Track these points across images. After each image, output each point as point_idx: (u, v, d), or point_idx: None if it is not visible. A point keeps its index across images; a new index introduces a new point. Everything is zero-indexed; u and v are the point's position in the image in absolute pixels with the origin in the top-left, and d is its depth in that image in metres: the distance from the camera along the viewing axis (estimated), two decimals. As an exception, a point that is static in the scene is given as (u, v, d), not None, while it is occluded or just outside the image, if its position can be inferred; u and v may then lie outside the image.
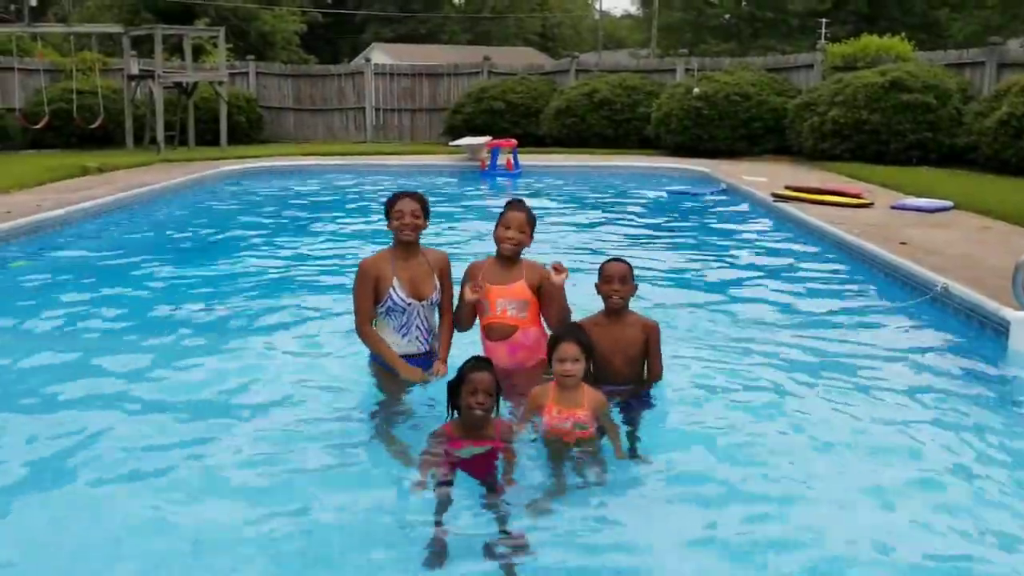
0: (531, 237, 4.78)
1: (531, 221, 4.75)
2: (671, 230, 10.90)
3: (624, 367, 4.60)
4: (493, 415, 3.96)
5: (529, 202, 4.92)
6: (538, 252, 5.15)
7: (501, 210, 4.77)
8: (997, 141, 14.90)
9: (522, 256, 4.82)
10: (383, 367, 4.82)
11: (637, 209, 12.56)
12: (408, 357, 4.80)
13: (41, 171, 14.50)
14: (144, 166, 16.53)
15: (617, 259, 4.72)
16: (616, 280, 4.56)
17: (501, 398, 4.02)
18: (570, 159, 18.32)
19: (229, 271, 8.43)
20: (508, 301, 4.69)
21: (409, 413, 4.54)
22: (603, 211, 12.42)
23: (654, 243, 9.88)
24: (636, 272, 4.66)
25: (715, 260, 8.89)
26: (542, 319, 4.77)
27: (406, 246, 4.81)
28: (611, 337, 4.53)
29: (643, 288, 6.57)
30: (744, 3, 51.56)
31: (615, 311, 4.62)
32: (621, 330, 4.60)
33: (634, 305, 4.73)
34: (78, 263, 8.85)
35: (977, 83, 17.48)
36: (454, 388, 3.94)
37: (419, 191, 4.93)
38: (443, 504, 3.60)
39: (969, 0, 41.33)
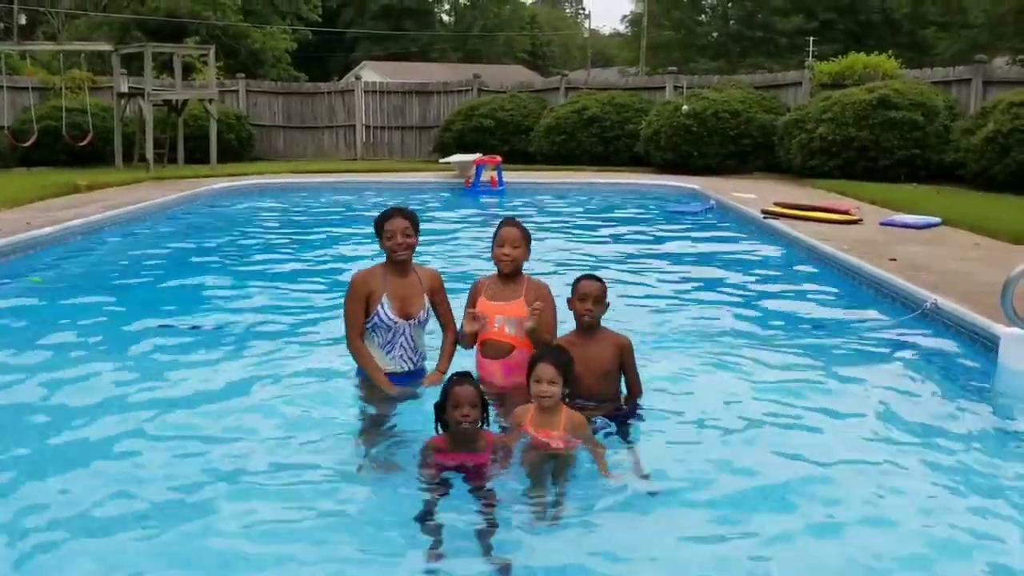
0: (528, 251, 4.80)
1: (525, 236, 4.79)
2: (659, 246, 10.91)
3: (597, 385, 4.55)
4: (484, 427, 3.95)
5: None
6: (527, 267, 5.15)
7: (494, 230, 4.80)
8: (984, 158, 15.02)
9: (528, 274, 4.83)
10: (368, 381, 4.82)
11: (625, 226, 12.55)
12: (391, 376, 4.81)
13: (30, 189, 14.45)
14: (134, 184, 16.49)
15: (592, 276, 4.67)
16: (591, 299, 4.53)
17: (492, 411, 4.02)
18: (558, 176, 18.35)
19: (219, 288, 8.38)
20: (506, 318, 4.69)
21: (394, 428, 4.53)
22: (590, 228, 12.41)
23: (642, 259, 9.87)
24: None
25: (704, 276, 8.88)
26: None
27: (399, 264, 4.81)
28: (583, 355, 4.46)
29: (629, 304, 6.57)
30: (732, 22, 52.01)
31: (587, 329, 4.59)
32: (593, 348, 4.56)
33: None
34: (68, 281, 8.79)
35: (964, 100, 17.63)
36: (440, 407, 3.95)
37: (407, 206, 4.94)
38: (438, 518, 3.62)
39: (955, 19, 41.70)
